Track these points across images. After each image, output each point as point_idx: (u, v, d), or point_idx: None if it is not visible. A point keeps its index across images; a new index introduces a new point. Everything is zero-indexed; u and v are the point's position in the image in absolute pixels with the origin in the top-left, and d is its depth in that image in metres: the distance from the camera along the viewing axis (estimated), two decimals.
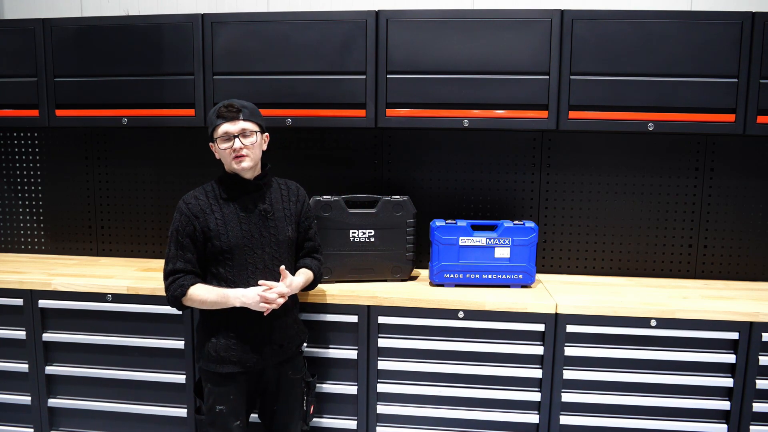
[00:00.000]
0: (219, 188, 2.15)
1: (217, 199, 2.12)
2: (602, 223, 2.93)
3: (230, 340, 2.11)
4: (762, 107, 2.47)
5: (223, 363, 2.11)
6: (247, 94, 2.64)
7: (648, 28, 2.47)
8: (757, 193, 2.84)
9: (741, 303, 2.47)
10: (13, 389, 2.72)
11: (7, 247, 3.29)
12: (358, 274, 2.67)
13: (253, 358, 2.13)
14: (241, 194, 2.14)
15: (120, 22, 2.72)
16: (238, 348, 2.11)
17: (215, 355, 2.11)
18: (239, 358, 2.11)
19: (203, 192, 2.14)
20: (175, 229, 2.09)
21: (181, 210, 2.10)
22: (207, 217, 2.08)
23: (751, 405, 2.37)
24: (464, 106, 2.58)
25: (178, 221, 2.09)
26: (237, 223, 2.10)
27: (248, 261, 2.11)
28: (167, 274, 2.09)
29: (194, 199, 2.11)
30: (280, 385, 2.22)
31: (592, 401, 2.43)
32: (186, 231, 2.07)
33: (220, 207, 2.11)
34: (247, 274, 2.11)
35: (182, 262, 2.07)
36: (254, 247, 2.11)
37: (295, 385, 2.27)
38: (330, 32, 2.59)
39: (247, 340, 2.12)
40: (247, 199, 2.14)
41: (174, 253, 2.08)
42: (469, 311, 2.44)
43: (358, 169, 3.00)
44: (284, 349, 2.19)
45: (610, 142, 2.87)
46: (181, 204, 2.12)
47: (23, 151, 3.21)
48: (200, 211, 2.09)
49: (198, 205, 2.10)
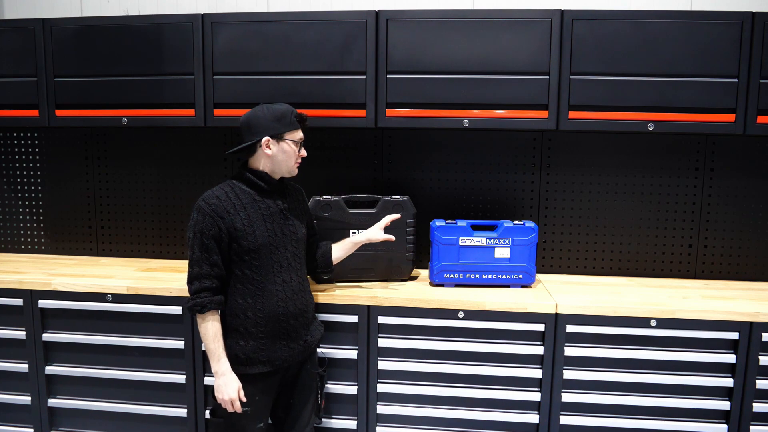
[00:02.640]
0: (242, 187, 2.13)
1: (239, 198, 2.10)
2: (602, 223, 2.93)
3: (259, 341, 2.11)
4: (762, 107, 2.47)
5: (253, 364, 2.11)
6: (247, 94, 2.65)
7: (648, 28, 2.47)
8: (757, 193, 2.84)
9: (741, 303, 2.47)
10: (13, 389, 2.72)
11: (7, 247, 3.29)
12: (358, 274, 2.67)
13: (282, 355, 2.15)
14: (266, 194, 2.15)
15: (120, 22, 2.72)
16: (267, 348, 2.12)
17: (244, 357, 2.11)
18: (269, 357, 2.13)
19: (223, 192, 2.09)
20: (198, 230, 2.03)
21: (204, 210, 2.04)
22: (232, 217, 2.05)
23: (751, 405, 2.37)
24: (464, 106, 2.58)
25: (202, 222, 2.03)
26: (262, 222, 2.10)
27: (273, 260, 2.11)
28: (192, 278, 2.06)
29: (216, 199, 2.06)
30: (298, 378, 2.26)
31: (592, 401, 2.43)
32: (211, 232, 2.03)
33: (244, 207, 2.09)
34: (272, 273, 2.11)
35: (208, 265, 2.04)
36: (278, 246, 2.12)
37: (313, 379, 2.30)
38: (330, 32, 2.59)
39: (276, 339, 2.13)
40: (269, 198, 2.15)
41: (199, 255, 2.04)
42: (469, 311, 2.44)
43: (358, 169, 3.00)
44: (309, 343, 2.23)
45: (610, 142, 2.87)
46: (202, 204, 2.05)
47: (23, 151, 3.21)
48: (225, 211, 2.05)
49: (221, 205, 2.06)
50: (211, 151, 3.06)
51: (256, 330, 2.11)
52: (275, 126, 2.11)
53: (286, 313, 2.13)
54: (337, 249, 2.45)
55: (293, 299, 2.15)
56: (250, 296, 2.10)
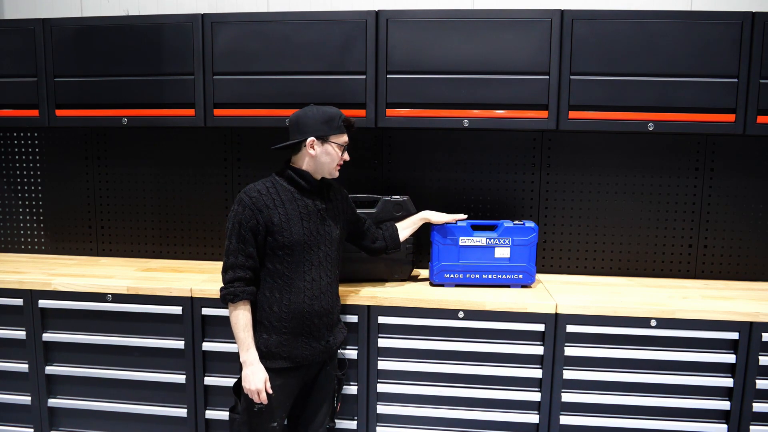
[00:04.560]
0: (283, 185, 2.16)
1: (279, 194, 2.14)
2: (602, 223, 2.93)
3: (282, 336, 2.13)
4: (762, 107, 2.47)
5: (274, 358, 2.14)
6: (247, 94, 2.65)
7: (648, 28, 2.47)
8: (757, 193, 2.84)
9: (741, 303, 2.47)
10: (13, 389, 2.72)
11: (7, 247, 3.29)
12: (358, 274, 2.67)
13: (303, 353, 2.16)
14: (306, 193, 2.18)
15: (120, 22, 2.72)
16: (288, 344, 2.14)
17: (266, 350, 2.13)
18: (289, 353, 2.14)
19: (265, 187, 2.15)
20: (237, 221, 2.09)
21: (244, 202, 2.10)
22: (271, 211, 2.10)
23: (751, 405, 2.37)
24: (464, 106, 2.58)
25: (242, 214, 2.09)
26: (299, 220, 2.13)
27: (305, 258, 2.14)
28: (227, 267, 2.11)
29: (257, 192, 2.12)
30: (317, 379, 2.27)
31: (592, 401, 2.43)
32: (249, 224, 2.08)
33: (283, 203, 2.13)
34: (303, 270, 2.14)
35: (243, 256, 2.09)
36: (312, 245, 2.15)
37: (331, 380, 2.31)
38: (330, 32, 2.59)
39: (298, 336, 2.15)
40: (308, 197, 2.18)
41: (235, 246, 2.09)
42: (469, 311, 2.44)
43: (358, 169, 3.00)
44: (330, 345, 2.24)
45: (610, 142, 2.87)
46: (243, 197, 2.11)
47: (23, 151, 3.21)
48: (264, 205, 2.10)
49: (261, 199, 2.11)
50: (211, 151, 3.07)
51: (279, 325, 2.13)
52: (322, 128, 2.15)
53: (311, 311, 2.16)
54: (402, 228, 2.56)
55: (319, 298, 2.17)
56: (278, 290, 2.13)
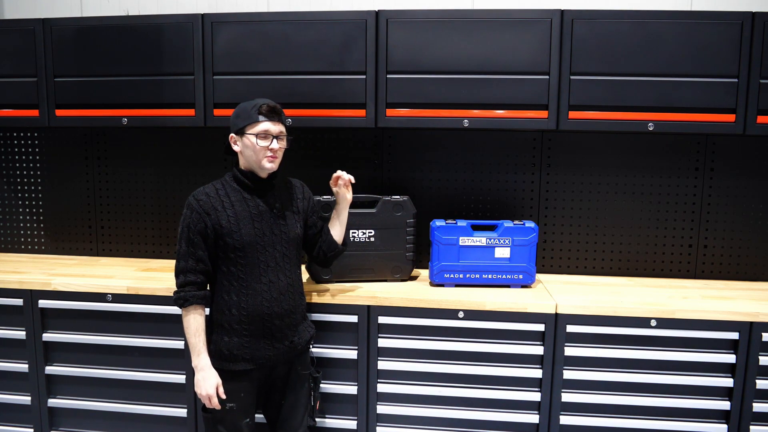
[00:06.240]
0: (233, 185, 2.14)
1: (229, 196, 2.12)
2: (602, 223, 2.93)
3: (243, 338, 2.12)
4: (762, 107, 2.47)
5: (236, 361, 2.12)
6: (247, 94, 2.64)
7: (648, 28, 2.47)
8: (757, 193, 2.84)
9: (741, 303, 2.46)
10: (13, 389, 2.72)
11: (7, 247, 3.29)
12: (358, 274, 2.67)
13: (265, 354, 2.14)
14: (255, 192, 2.15)
15: (120, 22, 2.72)
16: (251, 345, 2.12)
17: (228, 353, 2.12)
18: (252, 355, 2.13)
19: (214, 189, 2.13)
20: (186, 225, 2.08)
21: (192, 206, 2.09)
22: (219, 214, 2.08)
23: (751, 405, 2.37)
24: (464, 106, 2.58)
25: (189, 218, 2.08)
26: (249, 221, 2.10)
27: (260, 259, 2.11)
28: (178, 271, 2.10)
29: (205, 195, 2.11)
30: (288, 380, 2.25)
31: (592, 401, 2.43)
32: (197, 228, 2.07)
33: (231, 204, 2.11)
34: (259, 272, 2.12)
35: (193, 260, 2.08)
36: (266, 245, 2.12)
37: (303, 380, 2.29)
38: (330, 32, 2.59)
39: (260, 337, 2.13)
40: (259, 197, 2.15)
41: (185, 250, 2.08)
42: (469, 311, 2.44)
43: (358, 169, 2.99)
44: (295, 344, 2.21)
45: (610, 142, 2.87)
46: (191, 200, 2.10)
47: (23, 151, 3.21)
48: (212, 208, 2.08)
49: (209, 202, 2.09)
50: (211, 151, 3.06)
51: (239, 327, 2.11)
52: (236, 122, 2.13)
53: (271, 313, 2.13)
54: (333, 228, 2.38)
55: (279, 300, 2.14)
56: (235, 293, 2.11)
